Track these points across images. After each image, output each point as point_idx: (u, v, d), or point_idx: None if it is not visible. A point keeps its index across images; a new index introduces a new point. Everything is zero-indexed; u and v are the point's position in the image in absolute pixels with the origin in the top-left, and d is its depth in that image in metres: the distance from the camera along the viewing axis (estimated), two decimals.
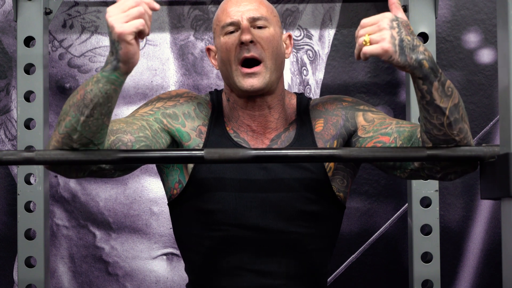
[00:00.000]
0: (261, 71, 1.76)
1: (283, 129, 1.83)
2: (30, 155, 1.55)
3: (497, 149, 1.48)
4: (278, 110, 1.82)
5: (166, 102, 1.84)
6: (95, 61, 2.53)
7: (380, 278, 2.51)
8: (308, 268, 1.79)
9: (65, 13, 2.53)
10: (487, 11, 2.54)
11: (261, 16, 1.78)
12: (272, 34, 1.78)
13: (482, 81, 2.54)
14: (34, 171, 2.30)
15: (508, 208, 1.40)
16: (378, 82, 2.53)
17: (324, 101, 1.88)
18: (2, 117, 2.53)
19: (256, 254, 1.76)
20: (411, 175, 1.71)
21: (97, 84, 1.53)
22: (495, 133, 2.53)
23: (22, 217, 2.30)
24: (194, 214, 1.79)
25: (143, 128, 1.74)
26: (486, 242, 2.52)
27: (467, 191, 2.53)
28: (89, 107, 1.54)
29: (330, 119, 1.84)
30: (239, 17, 1.77)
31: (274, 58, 1.78)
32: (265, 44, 1.77)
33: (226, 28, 1.78)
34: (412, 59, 1.53)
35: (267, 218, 1.75)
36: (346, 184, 1.84)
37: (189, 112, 1.83)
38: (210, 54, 1.87)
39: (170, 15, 2.54)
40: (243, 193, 1.76)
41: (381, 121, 1.79)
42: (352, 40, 2.55)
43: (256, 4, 1.80)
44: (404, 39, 1.52)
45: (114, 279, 2.52)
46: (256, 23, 1.78)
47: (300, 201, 1.76)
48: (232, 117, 1.83)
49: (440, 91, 1.56)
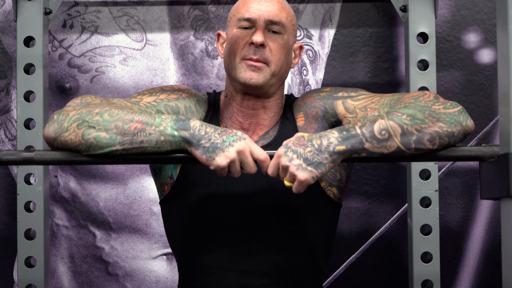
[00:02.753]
0: (264, 68, 1.75)
1: (273, 125, 1.82)
2: (30, 155, 1.55)
3: (497, 149, 1.48)
4: (274, 110, 1.82)
5: (169, 94, 1.84)
6: (95, 61, 2.53)
7: (380, 278, 2.51)
8: (294, 267, 1.76)
9: (65, 13, 2.53)
10: (487, 11, 2.54)
11: (279, 21, 1.77)
12: (285, 41, 1.77)
13: (482, 81, 2.54)
14: (34, 171, 2.30)
15: (508, 208, 1.40)
16: (378, 82, 2.53)
17: (304, 95, 1.87)
18: (2, 117, 2.53)
19: (240, 253, 1.75)
20: None
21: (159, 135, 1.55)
22: (495, 133, 2.53)
23: (22, 217, 2.30)
24: (181, 212, 1.79)
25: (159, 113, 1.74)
26: (486, 242, 2.52)
27: (467, 191, 2.53)
28: (133, 145, 1.55)
29: (309, 112, 1.82)
30: (257, 16, 1.76)
31: (280, 65, 1.77)
32: (274, 49, 1.76)
33: (242, 22, 1.77)
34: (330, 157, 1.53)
35: (252, 215, 1.74)
36: (339, 178, 1.80)
37: (190, 106, 1.83)
38: (218, 40, 1.86)
39: (170, 15, 2.54)
40: (228, 190, 1.75)
41: (363, 112, 1.76)
42: (352, 40, 2.55)
43: (278, 8, 1.78)
44: (306, 156, 1.52)
45: (114, 279, 2.52)
46: (272, 27, 1.77)
47: (283, 197, 1.73)
48: (227, 114, 1.83)
49: (376, 144, 1.54)
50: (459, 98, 2.53)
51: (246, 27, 1.77)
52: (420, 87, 2.33)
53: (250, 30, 1.77)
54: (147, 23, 2.54)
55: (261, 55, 1.75)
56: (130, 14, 2.54)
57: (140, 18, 2.54)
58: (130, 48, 2.54)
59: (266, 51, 1.75)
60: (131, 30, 2.54)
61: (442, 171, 2.51)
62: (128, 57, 2.54)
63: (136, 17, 2.54)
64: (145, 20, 2.54)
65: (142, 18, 2.54)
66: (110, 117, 1.57)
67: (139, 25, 2.54)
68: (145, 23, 2.54)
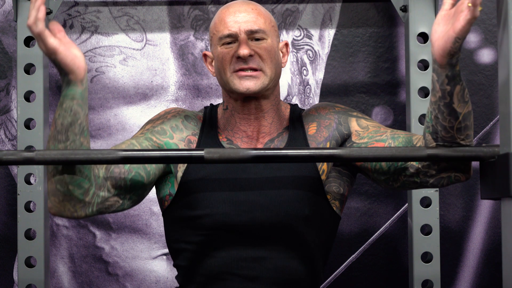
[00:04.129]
0: (260, 75, 1.77)
1: (276, 134, 1.84)
2: (30, 155, 1.55)
3: (497, 149, 1.48)
4: (272, 115, 1.83)
5: (154, 122, 1.86)
6: (95, 61, 2.53)
7: (380, 278, 2.51)
8: (295, 274, 1.78)
9: (65, 13, 2.53)
10: (487, 11, 2.54)
11: (259, 29, 1.78)
12: (270, 45, 1.79)
13: (482, 81, 2.54)
14: (34, 171, 2.30)
15: (508, 208, 1.40)
16: (378, 82, 2.53)
17: (317, 106, 1.89)
18: (2, 117, 2.53)
19: (243, 258, 1.76)
20: (403, 184, 1.72)
21: (61, 106, 1.58)
22: (495, 133, 2.53)
23: (22, 217, 2.30)
24: (183, 220, 1.80)
25: (132, 146, 1.76)
26: (486, 242, 2.52)
27: (467, 191, 2.53)
28: (62, 132, 1.58)
29: (323, 122, 1.84)
30: (237, 29, 1.78)
31: (274, 68, 1.79)
32: (263, 54, 1.78)
33: (224, 40, 1.79)
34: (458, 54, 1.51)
35: (256, 221, 1.75)
36: (342, 192, 1.83)
37: (176, 125, 1.85)
38: (206, 60, 1.88)
39: (170, 15, 2.54)
40: (231, 198, 1.76)
41: (376, 128, 1.80)
42: (352, 40, 2.55)
43: (254, 15, 1.80)
44: None
45: (114, 279, 2.52)
46: (254, 36, 1.78)
47: (290, 204, 1.76)
48: (228, 126, 1.84)
49: (460, 95, 1.55)
50: None
51: (229, 42, 1.79)
52: (420, 87, 2.33)
53: (233, 44, 1.78)
54: (147, 23, 2.54)
55: (252, 63, 1.77)
56: (130, 14, 2.54)
57: (140, 18, 2.54)
58: (130, 48, 2.54)
59: (256, 59, 1.77)
60: (131, 30, 2.54)
61: None
62: (128, 57, 2.54)
63: (136, 17, 2.54)
64: (145, 20, 2.54)
65: (142, 18, 2.54)
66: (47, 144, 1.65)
67: (139, 25, 2.54)
68: (145, 23, 2.54)
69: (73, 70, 1.57)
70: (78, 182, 1.63)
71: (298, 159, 1.59)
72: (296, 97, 2.53)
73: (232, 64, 1.77)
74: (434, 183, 1.68)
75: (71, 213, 1.65)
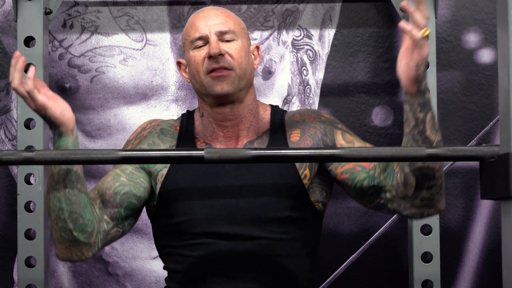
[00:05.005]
0: (230, 75, 1.79)
1: (255, 137, 1.85)
2: (30, 155, 1.55)
3: (497, 149, 1.48)
4: (249, 119, 1.85)
5: (133, 142, 1.89)
6: (95, 61, 2.53)
7: (380, 278, 2.51)
8: (281, 274, 1.80)
9: (65, 13, 2.53)
10: (487, 11, 2.54)
11: (228, 29, 1.82)
12: (240, 46, 1.82)
13: (482, 81, 2.54)
14: (34, 171, 2.30)
15: (508, 208, 1.40)
16: (378, 82, 2.54)
17: (302, 112, 1.91)
18: (2, 117, 2.53)
19: (227, 260, 1.77)
20: (377, 207, 1.77)
21: None
22: (495, 133, 2.53)
23: (22, 217, 2.30)
24: (166, 227, 1.82)
25: (117, 177, 1.80)
26: (486, 242, 2.52)
27: (467, 191, 2.53)
28: (60, 181, 1.66)
29: (308, 130, 1.86)
30: (207, 32, 1.81)
31: (244, 67, 1.81)
32: (234, 54, 1.80)
33: (195, 43, 1.82)
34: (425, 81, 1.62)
35: (238, 225, 1.77)
36: (325, 195, 1.86)
37: (153, 141, 1.87)
38: (180, 67, 1.90)
39: (170, 15, 2.54)
40: (212, 202, 1.78)
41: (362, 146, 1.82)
42: (352, 40, 2.55)
43: (223, 18, 1.84)
44: None
45: (114, 279, 2.52)
46: (224, 37, 1.82)
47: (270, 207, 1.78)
48: (206, 131, 1.86)
49: (432, 123, 1.64)
50: (459, 98, 2.53)
51: (201, 45, 1.82)
52: None
53: (205, 47, 1.81)
54: (147, 23, 2.54)
55: (223, 62, 1.79)
56: (130, 14, 2.54)
57: (140, 18, 2.54)
58: (130, 48, 2.54)
59: (226, 58, 1.79)
60: (131, 30, 2.54)
61: None
62: (128, 57, 2.54)
63: (136, 17, 2.54)
64: (145, 20, 2.54)
65: (142, 18, 2.54)
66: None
67: (139, 25, 2.54)
68: (145, 23, 2.54)
69: (63, 122, 1.65)
70: (82, 228, 1.70)
71: (298, 159, 1.59)
72: (296, 97, 2.53)
73: (204, 65, 1.80)
74: (408, 215, 1.73)
75: (78, 256, 1.73)
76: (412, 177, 1.67)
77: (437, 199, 1.70)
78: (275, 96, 2.51)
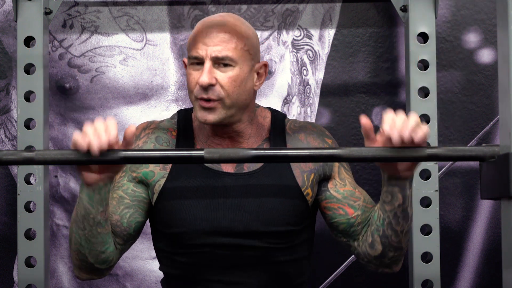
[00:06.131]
0: (217, 107, 1.75)
1: (256, 146, 1.82)
2: (30, 155, 1.55)
3: (497, 149, 1.48)
4: (248, 132, 1.82)
5: None
6: (95, 61, 2.53)
7: (380, 278, 2.51)
8: (280, 278, 1.80)
9: (65, 13, 2.53)
10: (487, 11, 2.54)
11: (225, 56, 1.74)
12: (236, 73, 1.75)
13: (482, 81, 2.54)
14: (34, 171, 2.30)
15: (508, 208, 1.40)
16: (378, 82, 2.53)
17: (307, 133, 1.86)
18: (2, 117, 2.53)
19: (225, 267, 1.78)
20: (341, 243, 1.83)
21: (78, 199, 1.66)
22: (495, 133, 2.53)
23: (22, 217, 2.30)
24: (164, 235, 1.82)
25: (121, 199, 1.79)
26: (486, 242, 2.52)
27: (467, 191, 2.53)
28: (79, 220, 1.67)
29: None
30: (204, 54, 1.75)
31: (235, 97, 1.75)
32: (225, 84, 1.74)
33: (192, 60, 1.77)
34: None
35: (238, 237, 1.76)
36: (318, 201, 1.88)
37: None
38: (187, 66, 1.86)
39: (170, 15, 2.54)
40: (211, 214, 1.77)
41: (352, 190, 1.82)
42: (352, 40, 2.55)
43: (226, 39, 1.75)
44: None
45: (114, 279, 2.52)
46: (221, 62, 1.75)
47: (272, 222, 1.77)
48: (202, 137, 1.84)
49: (410, 199, 1.67)
50: (459, 98, 2.53)
51: (197, 63, 1.77)
52: (420, 87, 2.33)
53: (200, 66, 1.76)
54: (147, 23, 2.54)
55: (211, 94, 1.74)
56: (130, 14, 2.54)
57: (140, 18, 2.54)
58: (130, 48, 2.54)
59: (216, 88, 1.74)
60: (131, 30, 2.54)
61: (442, 171, 2.51)
62: (128, 57, 2.54)
63: (136, 17, 2.54)
64: (145, 20, 2.54)
65: (142, 18, 2.54)
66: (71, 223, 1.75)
67: (139, 25, 2.54)
68: (145, 23, 2.54)
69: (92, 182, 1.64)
70: (104, 261, 1.73)
71: (298, 159, 1.59)
72: (296, 97, 2.53)
73: (195, 89, 1.75)
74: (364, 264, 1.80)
75: (99, 276, 1.77)
76: (379, 245, 1.72)
77: (396, 264, 1.78)
78: (275, 96, 2.51)
